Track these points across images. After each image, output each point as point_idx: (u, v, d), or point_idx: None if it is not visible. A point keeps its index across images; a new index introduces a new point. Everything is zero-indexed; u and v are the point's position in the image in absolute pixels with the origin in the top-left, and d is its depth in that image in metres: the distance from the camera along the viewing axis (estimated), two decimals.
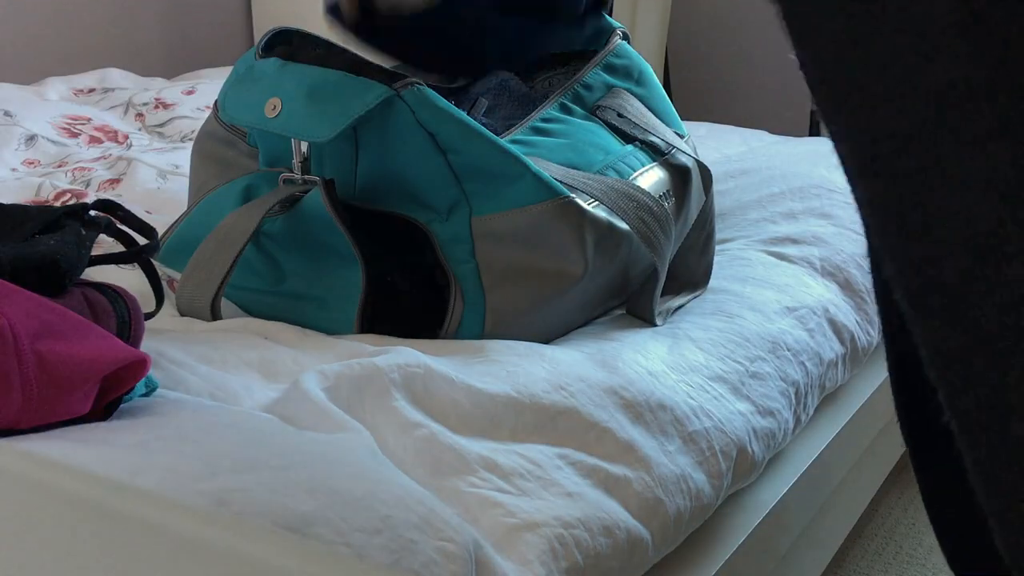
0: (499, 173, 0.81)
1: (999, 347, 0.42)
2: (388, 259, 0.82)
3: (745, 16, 2.85)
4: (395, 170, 0.82)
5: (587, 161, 0.90)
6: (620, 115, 0.98)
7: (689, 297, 0.98)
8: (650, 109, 1.03)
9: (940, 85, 0.41)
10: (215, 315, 0.81)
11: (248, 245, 0.82)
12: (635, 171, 0.94)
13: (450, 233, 0.81)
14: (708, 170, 1.01)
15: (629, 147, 0.96)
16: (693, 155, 1.01)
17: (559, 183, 0.83)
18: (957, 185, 0.42)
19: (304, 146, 0.84)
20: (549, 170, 0.85)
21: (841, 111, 0.45)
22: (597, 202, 0.85)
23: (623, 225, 0.86)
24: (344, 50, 0.85)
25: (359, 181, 0.82)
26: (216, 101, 0.91)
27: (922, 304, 0.45)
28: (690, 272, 1.00)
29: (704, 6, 2.90)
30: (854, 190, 0.47)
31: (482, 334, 0.81)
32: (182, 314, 0.83)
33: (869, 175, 0.45)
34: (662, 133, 0.99)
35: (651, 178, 0.95)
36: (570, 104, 0.98)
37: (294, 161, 0.84)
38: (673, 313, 0.94)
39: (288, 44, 0.88)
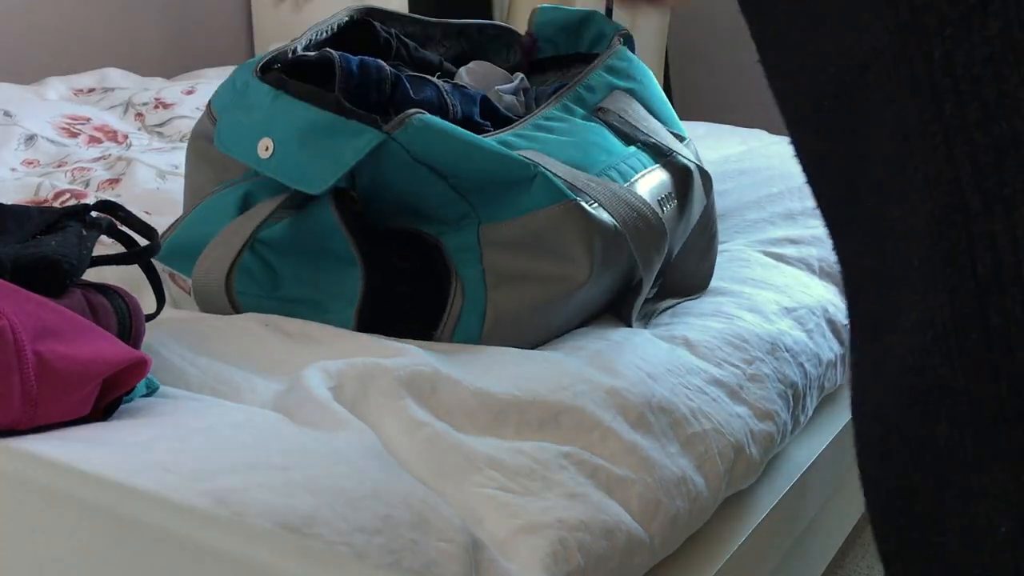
0: (506, 181, 0.81)
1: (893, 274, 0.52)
2: (389, 259, 0.82)
3: None
4: (396, 195, 0.82)
5: (591, 161, 0.90)
6: (622, 117, 0.97)
7: (677, 301, 0.97)
8: (650, 112, 1.02)
9: (864, 52, 0.49)
10: (228, 292, 0.80)
11: (246, 252, 0.82)
12: (637, 173, 0.93)
13: (459, 242, 0.81)
14: (708, 174, 1.01)
15: (631, 148, 0.96)
16: (694, 159, 1.01)
17: (565, 186, 0.83)
18: (875, 135, 0.49)
19: None
20: (554, 168, 0.84)
21: (782, 74, 0.55)
22: (599, 206, 0.85)
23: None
24: (334, 76, 0.83)
25: (360, 201, 0.82)
26: (210, 101, 0.90)
27: (842, 231, 0.55)
28: (691, 275, 0.99)
29: (704, 6, 2.90)
30: (792, 138, 0.56)
31: (480, 335, 0.81)
32: (197, 293, 0.82)
33: (805, 127, 0.54)
34: (663, 137, 0.99)
35: (653, 180, 0.94)
36: (572, 104, 0.97)
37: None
38: (657, 316, 0.94)
39: (281, 66, 0.87)
